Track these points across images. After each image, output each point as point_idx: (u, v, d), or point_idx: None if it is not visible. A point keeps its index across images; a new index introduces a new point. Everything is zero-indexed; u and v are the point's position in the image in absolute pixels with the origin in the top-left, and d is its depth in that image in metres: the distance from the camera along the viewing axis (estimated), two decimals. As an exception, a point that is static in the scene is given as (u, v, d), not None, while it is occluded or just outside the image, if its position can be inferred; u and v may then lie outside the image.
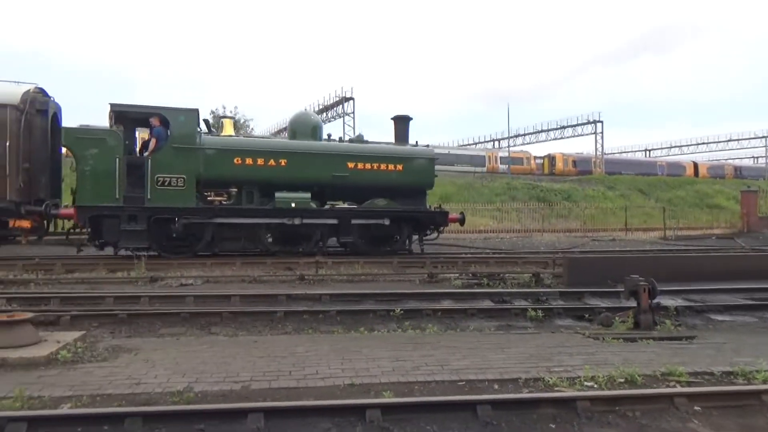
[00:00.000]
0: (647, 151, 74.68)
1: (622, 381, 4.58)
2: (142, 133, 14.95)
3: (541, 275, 10.52)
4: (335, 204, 14.31)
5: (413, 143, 14.90)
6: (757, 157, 68.86)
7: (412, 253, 14.19)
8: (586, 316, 7.65)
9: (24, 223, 11.93)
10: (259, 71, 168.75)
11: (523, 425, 3.81)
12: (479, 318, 7.53)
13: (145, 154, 12.61)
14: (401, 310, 7.46)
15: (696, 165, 56.02)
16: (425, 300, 8.35)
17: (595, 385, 4.49)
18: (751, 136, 66.98)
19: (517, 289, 9.64)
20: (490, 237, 23.34)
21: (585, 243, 20.52)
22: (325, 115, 46.49)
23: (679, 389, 4.38)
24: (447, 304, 8.19)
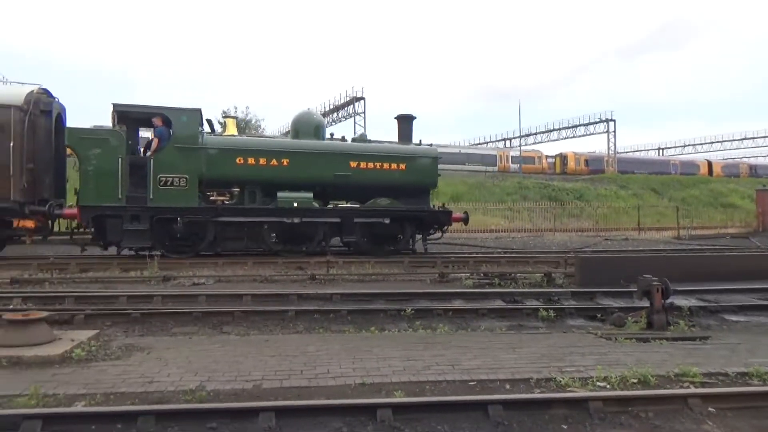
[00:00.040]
0: (660, 150, 74.00)
1: (635, 381, 4.54)
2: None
3: (552, 275, 10.46)
4: (338, 204, 14.29)
5: (417, 142, 14.83)
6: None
7: (415, 253, 14.13)
8: (599, 316, 7.60)
9: (28, 223, 11.97)
10: (271, 72, 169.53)
11: (535, 425, 3.79)
12: (490, 318, 7.51)
13: (148, 154, 12.66)
14: (412, 310, 7.45)
15: (710, 163, 55.47)
16: (436, 300, 8.33)
17: (608, 386, 4.46)
18: (767, 134, 66.21)
19: (528, 288, 9.59)
20: (502, 236, 23.27)
21: (597, 242, 20.39)
22: (335, 114, 46.54)
23: (693, 390, 4.34)
24: (458, 303, 8.17)
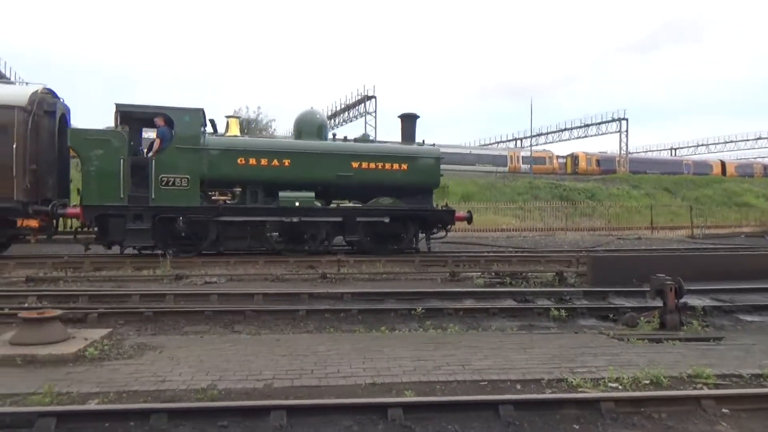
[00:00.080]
0: (673, 150, 73.32)
1: (648, 382, 4.51)
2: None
3: (564, 274, 10.39)
4: (340, 203, 14.26)
5: (420, 142, 14.75)
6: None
7: (418, 252, 14.10)
8: (611, 316, 7.55)
9: (32, 223, 12.04)
10: (283, 73, 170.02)
11: (546, 426, 3.77)
12: (501, 317, 7.48)
13: (150, 154, 12.71)
14: (423, 309, 7.44)
15: (723, 163, 54.88)
16: (447, 299, 8.32)
17: (620, 387, 4.44)
18: (782, 133, 65.36)
19: (540, 288, 9.53)
20: (513, 236, 23.16)
21: (610, 241, 20.23)
22: (347, 114, 46.58)
23: (707, 391, 4.30)
24: (469, 303, 8.14)
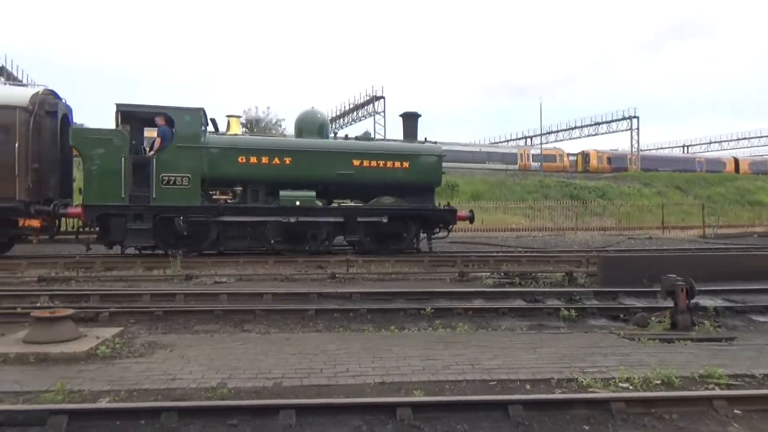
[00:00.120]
0: (685, 147, 72.69)
1: (659, 383, 4.48)
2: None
3: (574, 274, 10.34)
4: (342, 202, 14.22)
5: (422, 140, 14.68)
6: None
7: (419, 252, 14.03)
8: (621, 316, 7.50)
9: (33, 223, 12.09)
10: (291, 73, 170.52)
11: (556, 426, 3.76)
12: (511, 317, 7.46)
13: (150, 153, 12.74)
14: (432, 309, 7.44)
15: (737, 161, 54.32)
16: (456, 299, 8.29)
17: (631, 387, 4.41)
18: (797, 130, 64.55)
19: (549, 288, 9.48)
20: (522, 235, 23.08)
21: (620, 241, 20.11)
22: (355, 113, 46.63)
23: (719, 392, 4.26)
24: (478, 303, 8.12)
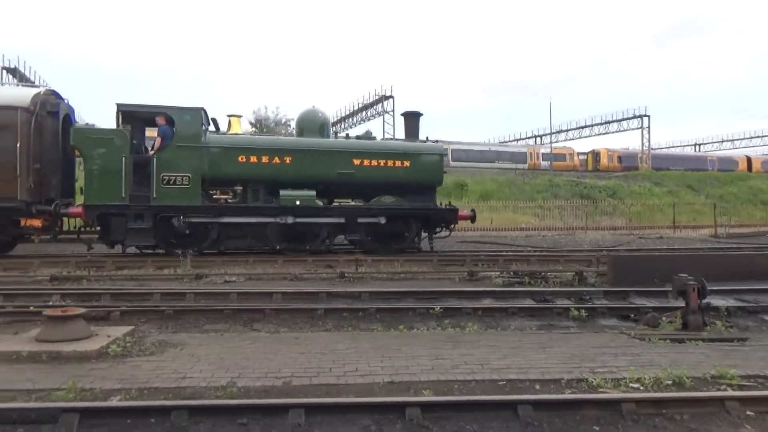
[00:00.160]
0: (697, 146, 72.06)
1: (670, 383, 4.45)
2: None
3: (584, 274, 10.29)
4: (342, 202, 14.17)
5: (423, 139, 14.61)
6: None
7: (420, 251, 13.98)
8: (632, 316, 7.45)
9: (35, 222, 12.14)
10: (299, 73, 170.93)
11: (566, 426, 3.74)
12: (520, 317, 7.44)
13: (151, 152, 12.76)
14: (441, 309, 7.44)
15: (749, 159, 53.78)
16: (465, 298, 8.28)
17: (641, 387, 4.38)
18: (810, 128, 63.86)
19: (559, 287, 9.44)
20: (532, 235, 22.97)
21: (631, 241, 19.97)
22: (365, 113, 46.69)
23: (731, 392, 4.23)
24: (487, 302, 8.10)
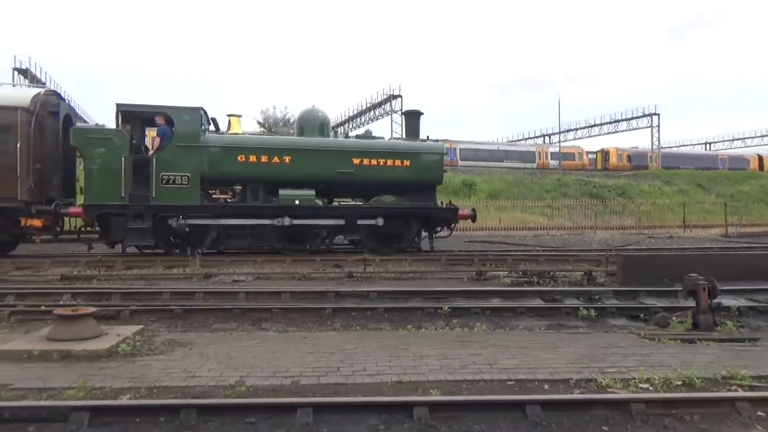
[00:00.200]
0: (707, 144, 71.49)
1: (680, 383, 4.41)
2: None
3: (593, 273, 10.24)
4: (342, 201, 14.16)
5: (424, 138, 14.55)
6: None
7: (421, 251, 13.95)
8: (641, 316, 7.40)
9: (35, 222, 12.19)
10: (307, 73, 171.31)
11: (574, 427, 3.72)
12: (529, 317, 7.42)
13: (150, 152, 12.79)
14: (449, 308, 7.43)
15: (761, 158, 53.27)
16: (473, 298, 8.26)
17: (651, 388, 4.35)
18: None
19: (568, 287, 9.39)
20: (541, 234, 22.89)
21: (640, 240, 19.85)
22: (373, 112, 46.73)
23: (741, 393, 4.20)
24: (496, 302, 8.08)
